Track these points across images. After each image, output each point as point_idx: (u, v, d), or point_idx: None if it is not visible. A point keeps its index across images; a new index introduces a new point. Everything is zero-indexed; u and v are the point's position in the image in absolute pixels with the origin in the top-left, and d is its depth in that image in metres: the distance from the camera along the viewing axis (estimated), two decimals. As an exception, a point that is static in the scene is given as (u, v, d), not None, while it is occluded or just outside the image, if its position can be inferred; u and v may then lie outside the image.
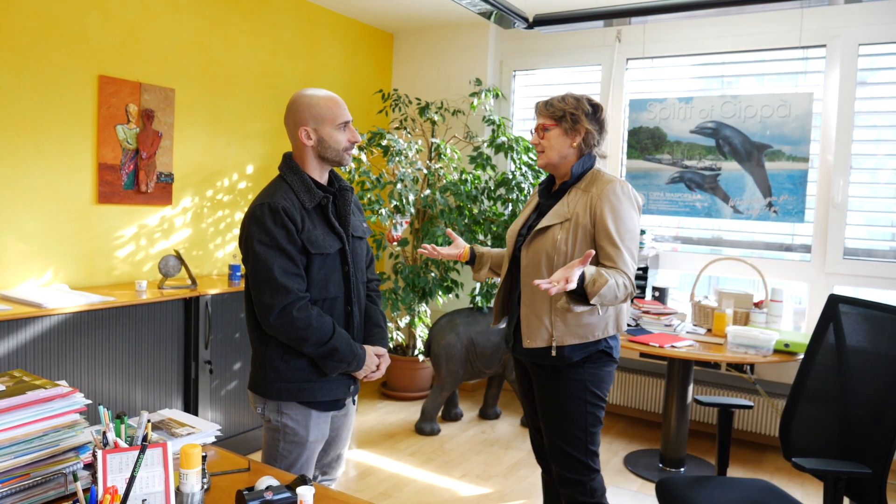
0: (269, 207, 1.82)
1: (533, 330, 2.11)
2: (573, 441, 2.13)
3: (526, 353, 2.17)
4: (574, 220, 2.06)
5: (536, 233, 2.12)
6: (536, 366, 2.18)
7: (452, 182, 4.34)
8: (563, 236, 2.06)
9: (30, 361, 2.67)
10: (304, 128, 1.89)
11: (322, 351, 1.86)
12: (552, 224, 2.09)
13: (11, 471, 1.31)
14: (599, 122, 2.15)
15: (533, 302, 2.12)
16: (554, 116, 2.14)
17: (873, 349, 2.09)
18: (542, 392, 2.20)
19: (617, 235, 2.02)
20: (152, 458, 1.31)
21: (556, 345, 2.08)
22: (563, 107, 2.13)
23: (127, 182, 3.45)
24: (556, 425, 2.16)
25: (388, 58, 5.24)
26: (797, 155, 3.81)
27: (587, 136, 2.13)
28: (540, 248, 2.10)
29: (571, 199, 2.11)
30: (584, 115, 2.12)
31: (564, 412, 2.14)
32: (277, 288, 1.81)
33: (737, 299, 3.68)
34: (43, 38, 3.06)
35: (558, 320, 2.07)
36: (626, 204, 2.06)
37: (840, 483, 1.86)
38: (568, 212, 2.09)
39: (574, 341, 2.07)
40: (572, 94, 2.16)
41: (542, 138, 2.18)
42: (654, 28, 4.28)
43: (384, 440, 3.88)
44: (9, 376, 1.48)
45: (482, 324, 4.09)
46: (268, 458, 1.95)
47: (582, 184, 2.13)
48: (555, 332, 2.08)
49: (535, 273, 2.09)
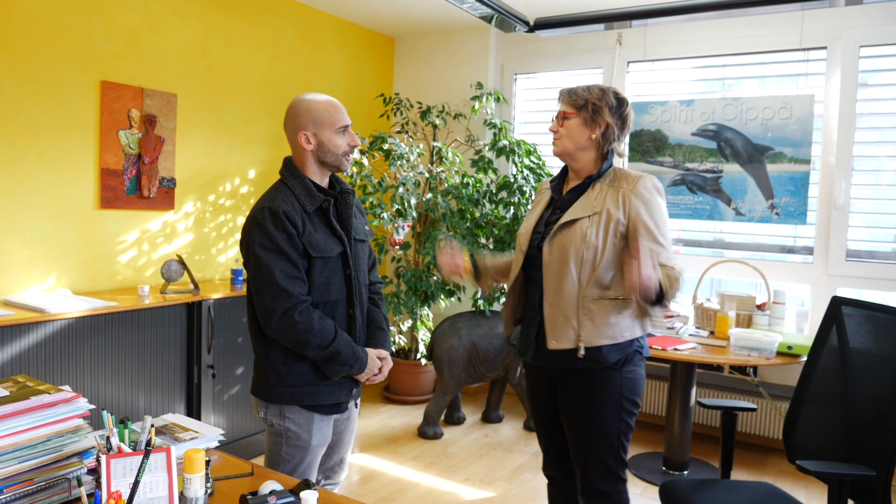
0: (269, 211, 1.82)
1: (559, 330, 2.00)
2: (605, 451, 2.03)
3: (551, 357, 2.04)
4: (605, 215, 1.97)
5: (561, 227, 2.01)
6: (562, 371, 2.06)
7: (454, 186, 4.34)
8: (594, 230, 1.96)
9: (33, 366, 2.67)
10: (304, 132, 1.89)
11: (324, 354, 1.86)
12: (580, 217, 1.99)
13: (15, 476, 1.31)
14: (622, 118, 2.05)
15: (559, 300, 2.00)
16: (576, 105, 2.03)
17: (876, 351, 2.09)
18: (570, 399, 2.07)
19: (658, 231, 1.95)
20: (156, 462, 1.31)
21: (583, 346, 1.96)
22: (586, 96, 2.03)
23: (129, 187, 3.46)
24: (586, 435, 2.05)
25: (390, 62, 5.25)
26: (799, 157, 3.81)
27: (607, 130, 2.03)
28: (567, 242, 1.99)
29: (597, 193, 2.02)
30: (606, 107, 2.01)
31: (596, 421, 2.02)
32: (279, 292, 1.81)
33: (739, 302, 3.68)
34: (45, 44, 3.08)
35: (586, 319, 1.96)
36: (659, 199, 2.01)
37: (844, 485, 1.86)
38: (597, 205, 1.99)
39: (603, 342, 1.97)
40: (599, 85, 2.06)
41: (560, 125, 2.07)
42: (654, 31, 4.29)
43: (387, 444, 3.88)
44: (12, 381, 1.48)
45: (484, 327, 4.08)
46: (270, 463, 1.95)
47: (606, 179, 2.04)
48: (582, 333, 1.97)
49: (562, 269, 1.98)
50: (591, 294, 1.96)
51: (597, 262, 1.96)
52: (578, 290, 1.97)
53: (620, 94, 2.06)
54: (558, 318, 2.00)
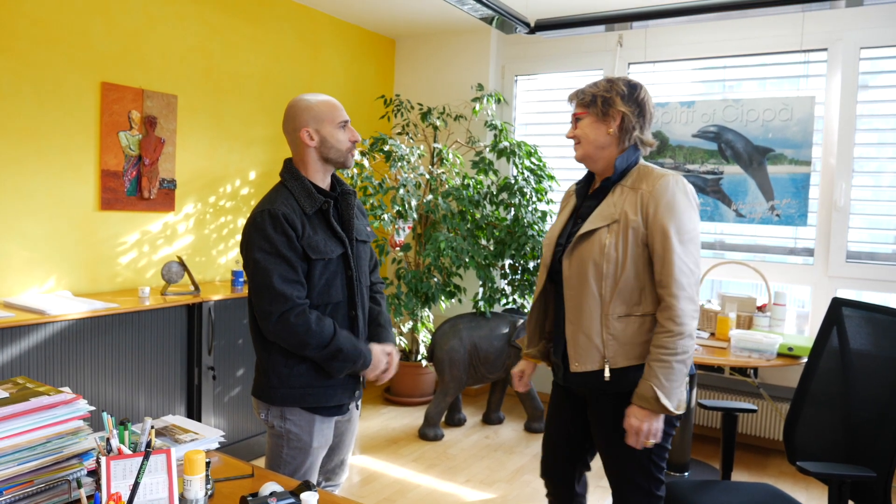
0: (269, 214, 1.82)
1: (581, 351, 1.84)
2: (638, 475, 1.87)
3: (578, 380, 1.89)
4: (623, 222, 1.80)
5: (580, 238, 1.85)
6: (593, 393, 1.90)
7: (455, 187, 4.34)
8: (613, 241, 1.80)
9: (33, 368, 2.67)
10: (306, 129, 1.88)
11: (325, 353, 1.85)
12: (598, 227, 1.82)
13: (15, 478, 1.31)
14: (638, 104, 1.87)
15: (580, 318, 1.84)
16: (584, 103, 1.90)
17: (877, 352, 2.09)
18: (601, 424, 1.92)
19: (677, 239, 1.75)
20: (156, 464, 1.31)
21: (609, 367, 1.80)
22: (593, 91, 1.88)
23: (130, 188, 3.46)
24: (619, 462, 1.90)
25: (390, 63, 5.25)
26: (799, 158, 3.81)
27: (624, 121, 1.85)
28: (586, 255, 1.83)
29: (617, 197, 1.85)
30: (618, 96, 1.85)
31: (629, 449, 1.84)
32: (276, 295, 1.81)
33: (740, 303, 3.68)
34: (45, 45, 3.08)
35: (611, 339, 1.81)
36: (683, 202, 1.79)
37: (845, 487, 1.86)
38: (615, 212, 1.82)
39: (629, 362, 1.81)
40: (607, 77, 1.92)
41: (575, 129, 1.93)
42: (655, 32, 4.29)
43: (387, 446, 3.88)
44: (12, 383, 1.48)
45: (485, 328, 4.08)
46: (271, 465, 1.95)
47: (628, 180, 1.86)
48: (607, 353, 1.80)
49: (581, 285, 1.83)
50: (615, 311, 1.81)
51: (618, 276, 1.80)
52: (601, 307, 1.82)
53: (632, 81, 1.90)
54: (580, 338, 1.85)
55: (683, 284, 1.75)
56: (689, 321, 1.75)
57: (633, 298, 1.81)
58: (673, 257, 1.75)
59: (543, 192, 4.37)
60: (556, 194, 4.56)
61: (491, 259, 4.28)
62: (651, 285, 1.81)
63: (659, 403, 1.73)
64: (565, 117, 4.74)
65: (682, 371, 1.76)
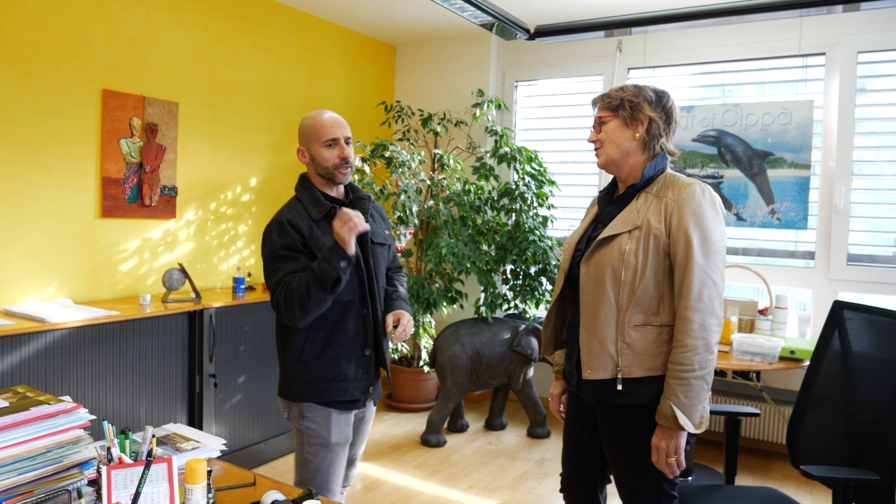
0: (276, 222, 2.00)
1: (595, 358, 1.80)
2: (649, 489, 1.83)
3: (590, 388, 1.85)
4: (645, 229, 1.76)
5: (599, 243, 1.82)
6: (601, 404, 1.86)
7: (455, 193, 4.34)
8: (633, 247, 1.76)
9: (33, 377, 2.67)
10: (301, 148, 2.07)
11: (311, 290, 1.85)
12: (619, 233, 1.79)
13: (15, 488, 1.31)
14: (666, 111, 1.85)
15: (595, 325, 1.80)
16: (611, 107, 1.86)
17: (879, 355, 2.08)
18: (611, 437, 1.87)
19: (700, 251, 1.70)
20: (157, 473, 1.30)
21: (621, 377, 1.77)
22: (621, 95, 1.85)
23: (130, 196, 3.47)
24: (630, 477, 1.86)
25: (391, 70, 5.27)
26: (799, 162, 3.81)
27: (651, 126, 1.83)
28: (604, 260, 1.79)
29: (641, 204, 1.81)
30: (645, 101, 1.82)
31: (641, 464, 1.81)
32: (278, 281, 1.96)
33: (741, 307, 3.67)
34: (46, 53, 3.09)
35: (626, 348, 1.76)
36: (709, 211, 1.75)
37: (849, 490, 1.85)
38: (638, 219, 1.78)
39: (643, 373, 1.76)
40: (634, 83, 1.90)
41: (598, 133, 1.88)
42: (654, 38, 4.30)
43: (390, 452, 3.87)
44: (12, 392, 1.48)
45: (487, 334, 4.08)
46: (297, 466, 2.07)
47: (653, 188, 1.82)
48: (621, 362, 1.76)
49: (598, 291, 1.79)
50: (632, 320, 1.76)
51: (637, 284, 1.76)
52: (617, 314, 1.78)
53: (659, 89, 1.87)
54: (594, 346, 1.81)
55: (703, 297, 1.71)
56: (705, 335, 1.70)
57: (651, 308, 1.77)
58: (694, 267, 1.71)
59: (544, 198, 4.37)
60: (557, 199, 4.56)
61: (492, 264, 4.28)
62: (671, 296, 1.77)
63: (678, 423, 1.70)
64: (566, 122, 4.77)
65: (701, 387, 1.71)
